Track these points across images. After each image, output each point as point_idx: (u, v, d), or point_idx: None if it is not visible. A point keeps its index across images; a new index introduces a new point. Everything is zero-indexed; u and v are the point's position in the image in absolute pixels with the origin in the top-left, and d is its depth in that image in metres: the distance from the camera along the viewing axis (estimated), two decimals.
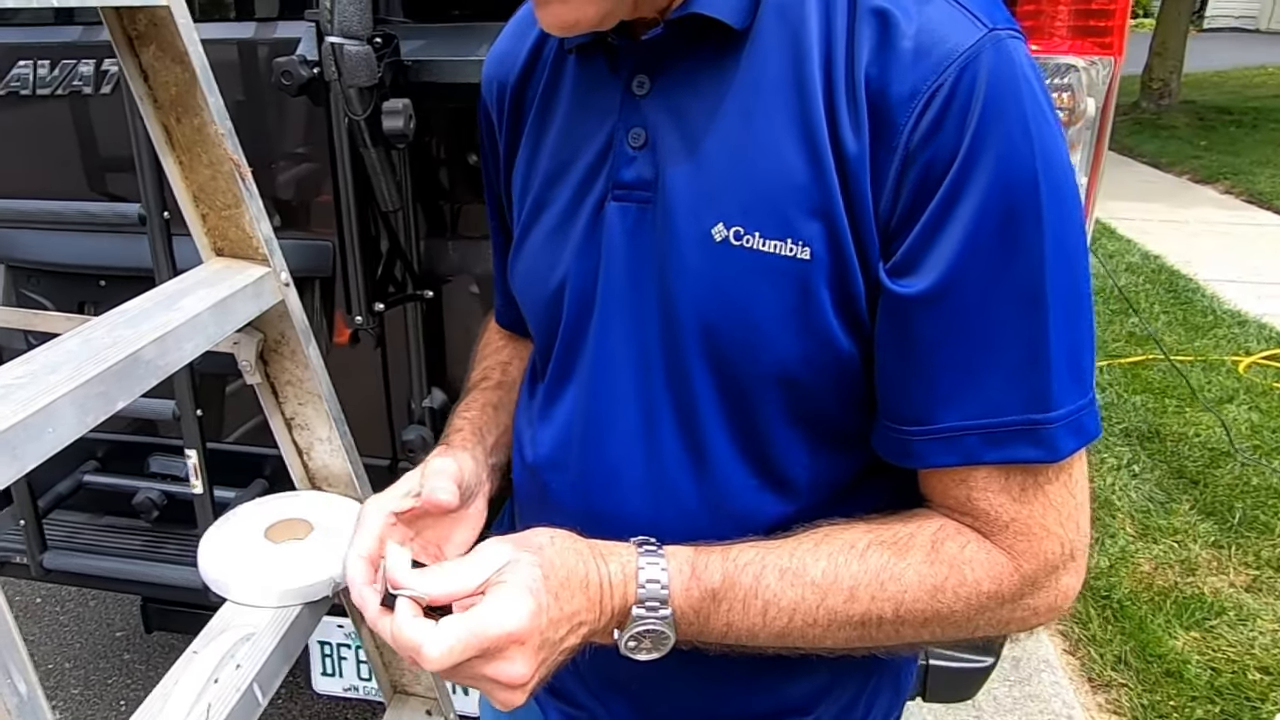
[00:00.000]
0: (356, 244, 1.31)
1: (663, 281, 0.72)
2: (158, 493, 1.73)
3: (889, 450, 0.72)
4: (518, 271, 0.85)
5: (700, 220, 0.69)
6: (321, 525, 0.94)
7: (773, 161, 0.67)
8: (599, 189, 0.75)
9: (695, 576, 0.68)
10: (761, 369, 0.70)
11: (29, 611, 2.72)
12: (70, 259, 1.68)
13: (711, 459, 0.74)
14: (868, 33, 0.65)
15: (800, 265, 0.67)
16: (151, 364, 0.69)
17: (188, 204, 0.92)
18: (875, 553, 0.69)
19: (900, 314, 0.66)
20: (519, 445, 0.89)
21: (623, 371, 0.76)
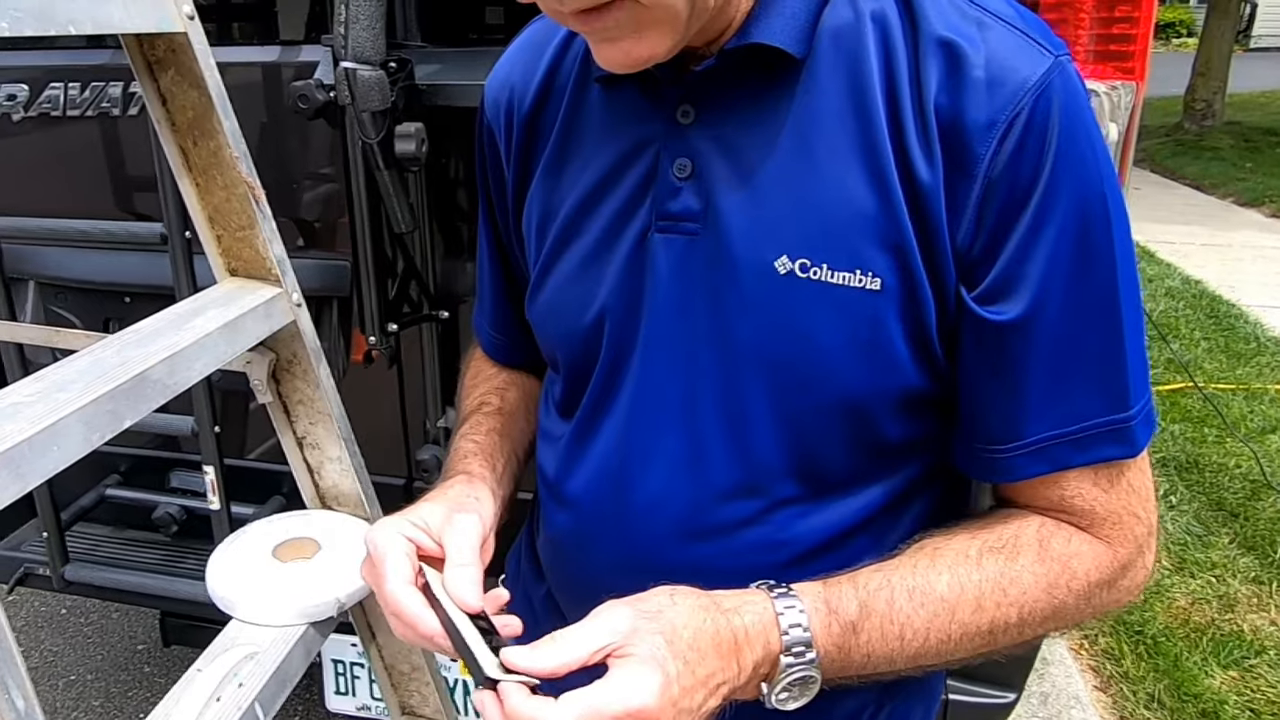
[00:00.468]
0: (370, 265, 1.32)
1: (718, 314, 0.71)
2: (177, 507, 1.75)
3: (976, 469, 0.74)
4: (541, 304, 0.83)
5: (761, 252, 0.69)
6: (329, 545, 0.95)
7: (838, 192, 0.67)
8: (640, 220, 0.74)
9: (832, 612, 0.67)
10: (826, 400, 0.70)
11: (54, 622, 2.75)
12: (96, 276, 1.71)
13: (765, 490, 0.74)
14: (934, 63, 0.65)
15: (870, 296, 0.67)
16: (160, 383, 0.70)
17: (203, 225, 0.94)
18: (989, 559, 0.70)
19: (992, 340, 0.68)
20: (546, 481, 0.87)
21: (669, 405, 0.75)
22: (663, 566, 0.72)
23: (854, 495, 0.75)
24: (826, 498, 0.74)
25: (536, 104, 0.82)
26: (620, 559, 0.78)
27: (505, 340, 0.99)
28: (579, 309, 0.78)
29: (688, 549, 0.75)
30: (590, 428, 0.80)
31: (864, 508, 0.76)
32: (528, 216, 0.83)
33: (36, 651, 2.61)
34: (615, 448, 0.78)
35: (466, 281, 1.52)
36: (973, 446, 0.73)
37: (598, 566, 0.81)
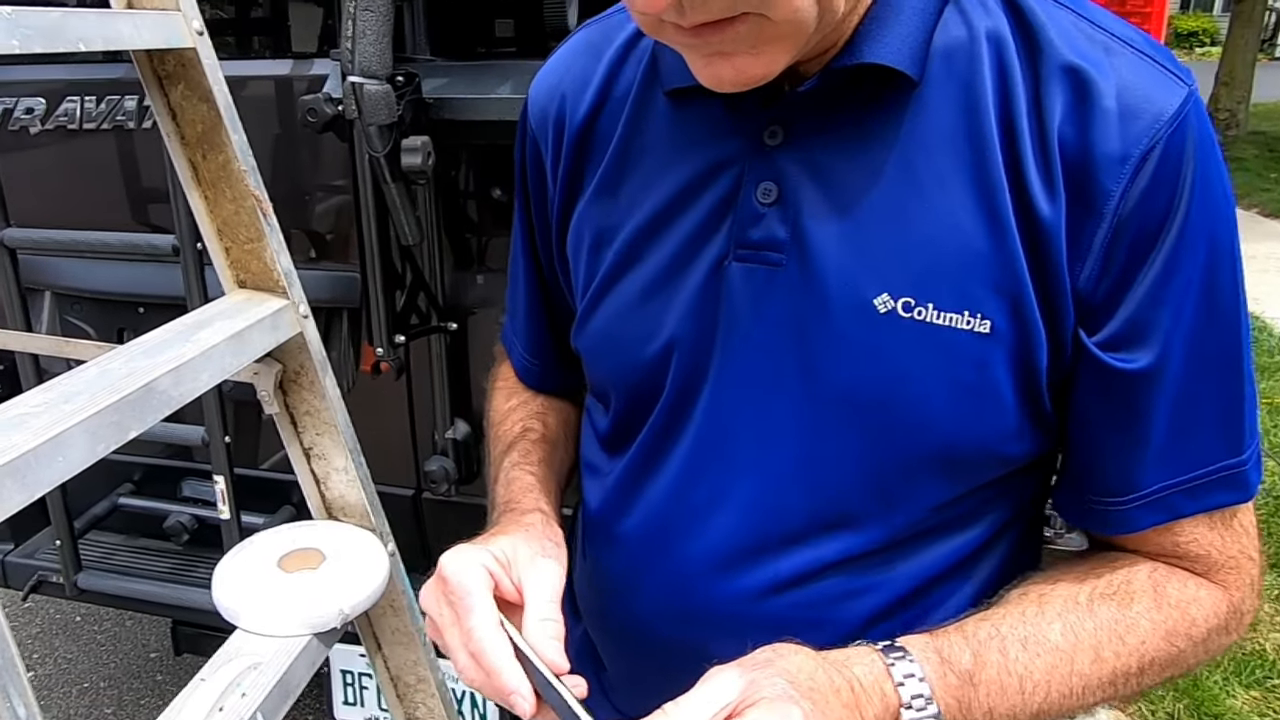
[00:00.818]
0: (378, 276, 1.33)
1: (804, 352, 0.66)
2: (189, 516, 1.77)
3: (1086, 520, 0.71)
4: (593, 331, 0.77)
5: (858, 288, 0.64)
6: (334, 555, 0.95)
7: (946, 226, 0.62)
8: (716, 247, 0.69)
9: (945, 662, 0.63)
10: (922, 448, 0.66)
11: (69, 629, 2.77)
12: (110, 287, 1.73)
13: (845, 539, 0.69)
14: (1059, 90, 0.60)
15: (978, 339, 0.63)
16: (166, 394, 0.71)
17: (212, 237, 0.95)
18: (1102, 606, 0.66)
19: (1117, 388, 0.63)
20: (590, 517, 0.82)
21: (742, 445, 0.70)
22: (723, 616, 0.69)
23: (938, 543, 0.71)
24: (909, 546, 0.70)
25: (591, 114, 0.76)
26: (675, 607, 0.73)
27: (539, 365, 0.94)
28: (641, 339, 0.73)
29: (754, 598, 0.71)
30: (649, 464, 0.75)
31: (947, 556, 0.72)
32: (576, 236, 0.78)
33: (51, 658, 2.63)
34: (677, 487, 0.73)
35: (475, 294, 1.53)
36: (1085, 498, 0.69)
37: (648, 613, 0.76)
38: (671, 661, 0.71)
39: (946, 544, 0.71)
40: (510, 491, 0.80)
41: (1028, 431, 0.66)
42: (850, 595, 0.70)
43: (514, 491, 0.80)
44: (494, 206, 1.46)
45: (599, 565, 0.80)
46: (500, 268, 1.53)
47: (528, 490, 0.80)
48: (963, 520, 0.71)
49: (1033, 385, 0.64)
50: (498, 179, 1.42)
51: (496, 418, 0.95)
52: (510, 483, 0.81)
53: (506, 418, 0.93)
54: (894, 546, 0.70)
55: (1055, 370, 0.64)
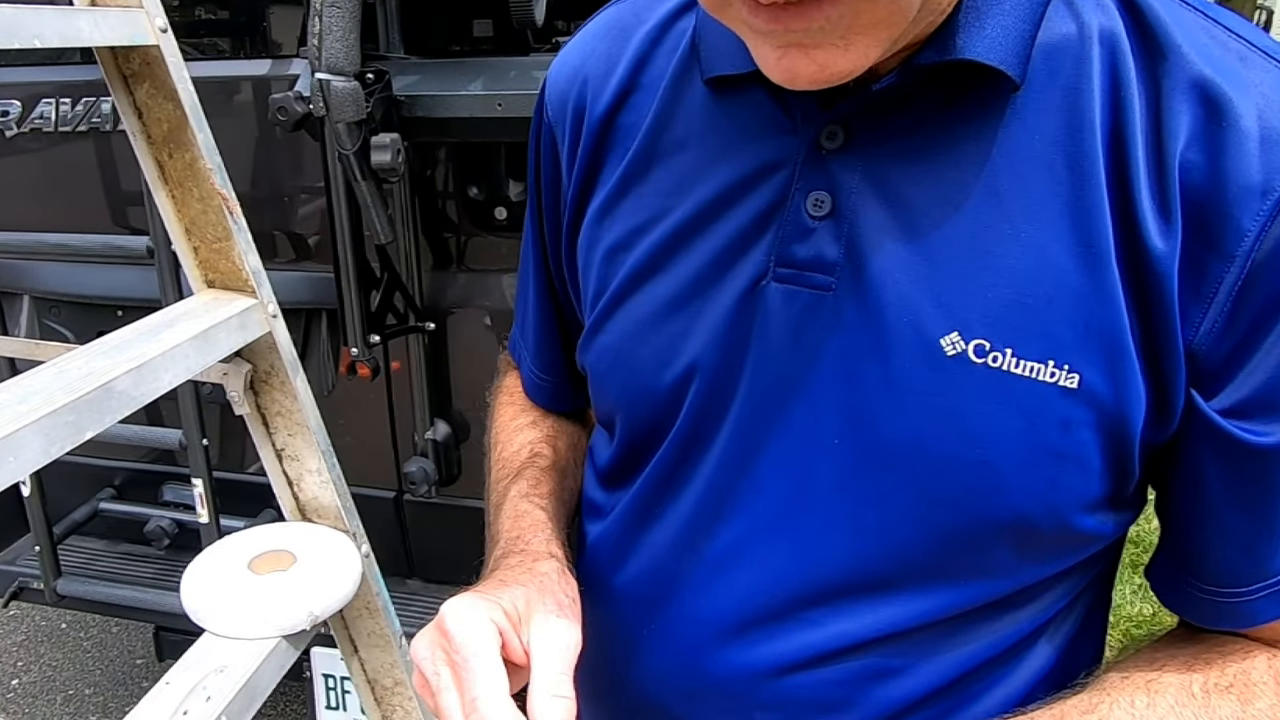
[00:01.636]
0: (352, 276, 1.33)
1: (852, 395, 0.57)
2: (169, 521, 1.76)
3: (1190, 608, 0.61)
4: (601, 348, 0.67)
5: (922, 325, 0.54)
6: (305, 557, 0.95)
7: (1034, 258, 0.53)
8: (754, 263, 0.59)
9: None
10: (989, 515, 0.56)
11: (54, 637, 2.75)
12: (88, 290, 1.72)
13: (887, 612, 0.60)
14: (1186, 106, 0.51)
15: (1064, 395, 0.53)
16: (125, 394, 0.70)
17: (180, 237, 0.94)
18: (1221, 701, 0.57)
19: (1246, 464, 0.54)
20: (588, 565, 0.73)
21: (765, 495, 0.60)
22: (734, 692, 0.61)
23: (992, 623, 0.62)
24: (958, 625, 0.61)
25: (616, 102, 0.67)
26: (678, 677, 0.64)
27: (550, 382, 0.84)
28: (656, 363, 0.63)
29: (772, 674, 0.62)
30: (654, 506, 0.66)
31: (1001, 639, 0.62)
32: (590, 240, 0.68)
33: (36, 666, 2.61)
34: (685, 535, 0.64)
35: (454, 293, 1.52)
36: (1194, 586, 0.59)
37: (647, 683, 0.67)
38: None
39: (1001, 624, 0.62)
40: (519, 527, 0.70)
41: (1112, 505, 0.57)
42: (884, 676, 0.61)
43: (523, 528, 0.70)
44: (471, 206, 1.45)
45: (593, 622, 0.69)
46: (479, 267, 1.53)
47: (538, 528, 0.70)
48: (1023, 598, 0.62)
49: (1124, 453, 0.55)
50: (474, 178, 1.41)
51: (501, 436, 0.86)
52: (519, 517, 0.71)
53: (513, 438, 0.84)
54: (941, 624, 0.60)
55: (1153, 436, 0.55)
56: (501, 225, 1.45)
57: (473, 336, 1.54)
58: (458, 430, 1.56)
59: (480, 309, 1.53)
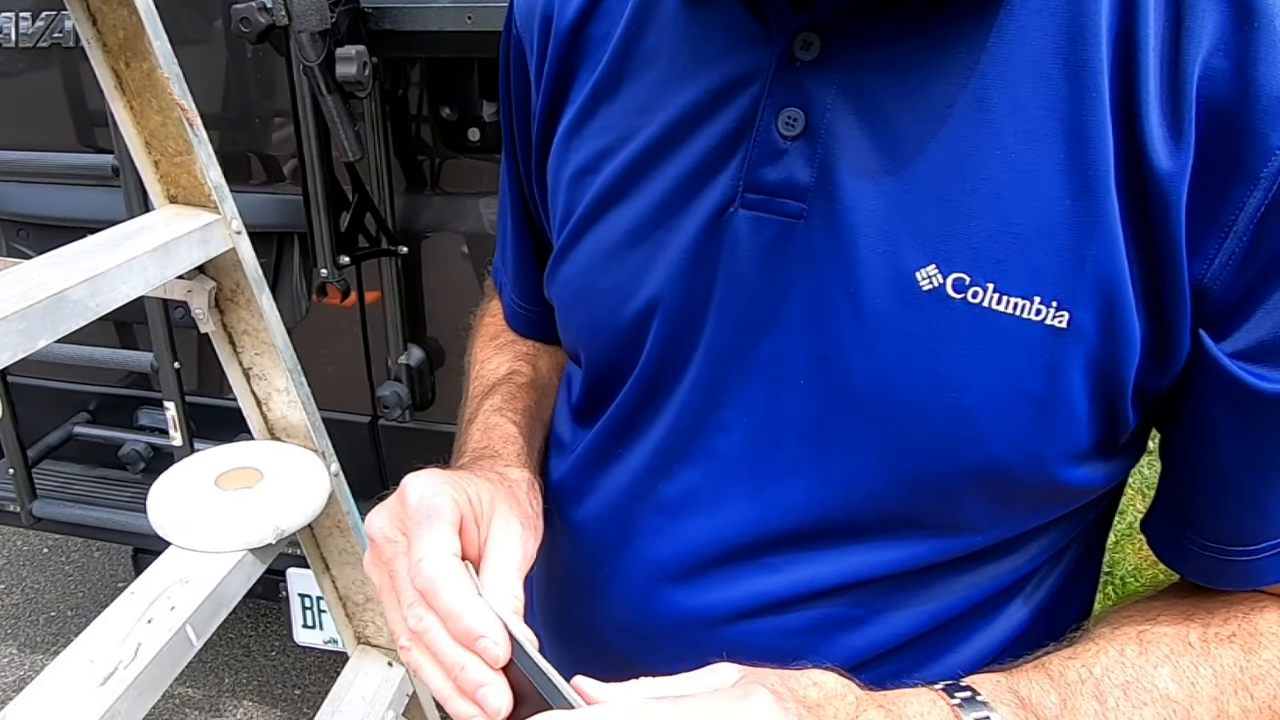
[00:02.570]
0: (320, 195, 1.30)
1: (819, 332, 0.53)
2: (144, 445, 1.75)
3: (1191, 567, 0.56)
4: (564, 280, 0.64)
5: (898, 256, 0.50)
6: (272, 473, 0.95)
7: (1024, 182, 0.48)
8: (720, 188, 0.55)
9: (1025, 705, 0.49)
10: (963, 465, 0.52)
11: (35, 561, 2.77)
12: (57, 212, 1.69)
13: (851, 563, 0.56)
14: (1212, 6, 0.45)
15: (1050, 335, 0.48)
16: (80, 304, 0.69)
17: (140, 151, 0.92)
18: (1222, 650, 0.51)
19: (1260, 414, 0.48)
20: (551, 499, 0.69)
21: (728, 437, 0.57)
22: (686, 638, 0.58)
23: (967, 574, 0.58)
24: (930, 576, 0.57)
25: (584, 12, 0.62)
26: (630, 619, 0.61)
27: (531, 311, 0.80)
28: (618, 296, 0.59)
29: (725, 620, 0.58)
30: (615, 445, 0.63)
31: (976, 590, 0.59)
32: (558, 162, 0.64)
33: (19, 588, 2.64)
34: (643, 476, 0.61)
35: (427, 217, 1.51)
36: (1195, 543, 0.55)
37: (600, 622, 0.64)
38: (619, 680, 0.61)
39: (976, 577, 0.58)
40: (489, 438, 0.67)
41: (1101, 455, 0.53)
42: (846, 625, 0.58)
43: (493, 439, 0.67)
44: (444, 126, 1.42)
45: (554, 559, 0.68)
46: (454, 190, 1.51)
47: (509, 441, 0.67)
48: (1001, 551, 0.57)
49: (1115, 400, 0.50)
50: (446, 97, 1.38)
51: (480, 355, 0.82)
52: (489, 429, 0.68)
53: (491, 357, 0.81)
54: (910, 575, 0.57)
55: (1151, 382, 0.50)
56: (475, 147, 1.42)
57: (447, 261, 1.53)
58: (432, 356, 1.56)
59: (455, 234, 1.51)
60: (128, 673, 0.68)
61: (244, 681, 2.25)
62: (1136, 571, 2.69)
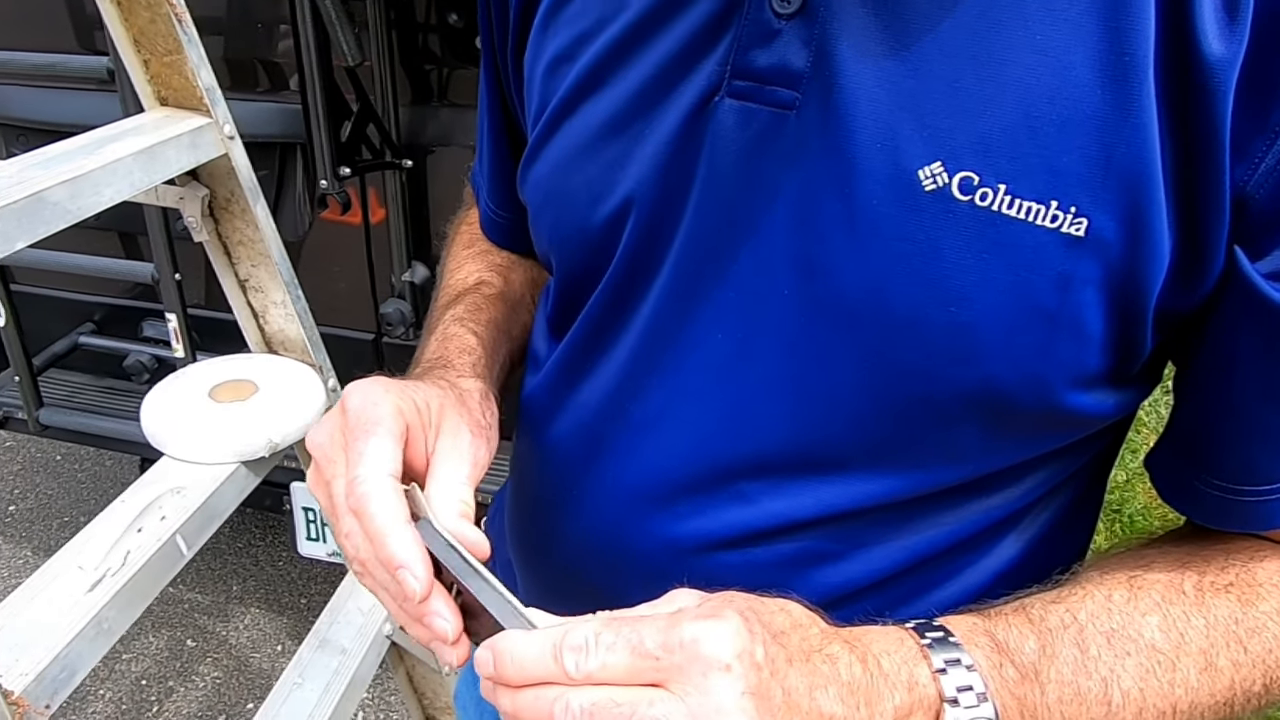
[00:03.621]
0: (319, 102, 1.26)
1: (807, 235, 0.47)
2: (149, 356, 1.75)
3: (1196, 507, 0.52)
4: (538, 178, 0.59)
5: (900, 153, 0.45)
6: (267, 387, 0.94)
7: (1050, 69, 0.42)
8: (704, 75, 0.49)
9: (1000, 649, 0.45)
10: (958, 387, 0.47)
11: (49, 467, 2.81)
12: (55, 118, 1.65)
13: (830, 492, 0.52)
14: None
15: (1065, 244, 0.43)
16: (60, 206, 0.67)
17: (128, 50, 0.89)
18: (1217, 600, 0.48)
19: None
20: (522, 416, 0.66)
21: (702, 351, 0.52)
22: (654, 566, 0.55)
23: (954, 509, 0.54)
24: (915, 509, 0.53)
25: None
26: (598, 543, 0.57)
27: (506, 219, 0.75)
28: (591, 195, 0.54)
29: (696, 549, 0.55)
30: (584, 361, 0.59)
31: (963, 526, 0.54)
32: (534, 50, 0.59)
33: (32, 494, 2.68)
34: (612, 391, 0.56)
35: (433, 130, 1.46)
36: (1203, 480, 0.50)
37: (569, 547, 0.61)
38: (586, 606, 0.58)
39: (964, 511, 0.54)
40: (445, 349, 0.63)
41: (1112, 382, 0.48)
42: (823, 559, 0.54)
43: (449, 350, 0.62)
44: (451, 34, 1.37)
45: (523, 477, 0.65)
46: (463, 103, 1.46)
47: (466, 352, 0.62)
48: (992, 484, 0.53)
49: (1133, 320, 0.45)
50: (454, 3, 1.33)
51: (450, 266, 0.78)
52: (448, 339, 0.64)
53: (461, 266, 0.76)
54: (893, 507, 0.53)
55: (1175, 302, 0.45)
56: None
57: (454, 177, 1.49)
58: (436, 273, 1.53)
59: (462, 148, 1.47)
60: (115, 580, 0.68)
61: (251, 589, 2.30)
62: (1146, 510, 2.68)
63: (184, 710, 2.02)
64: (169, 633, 2.19)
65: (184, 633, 2.20)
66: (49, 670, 0.61)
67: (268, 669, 2.11)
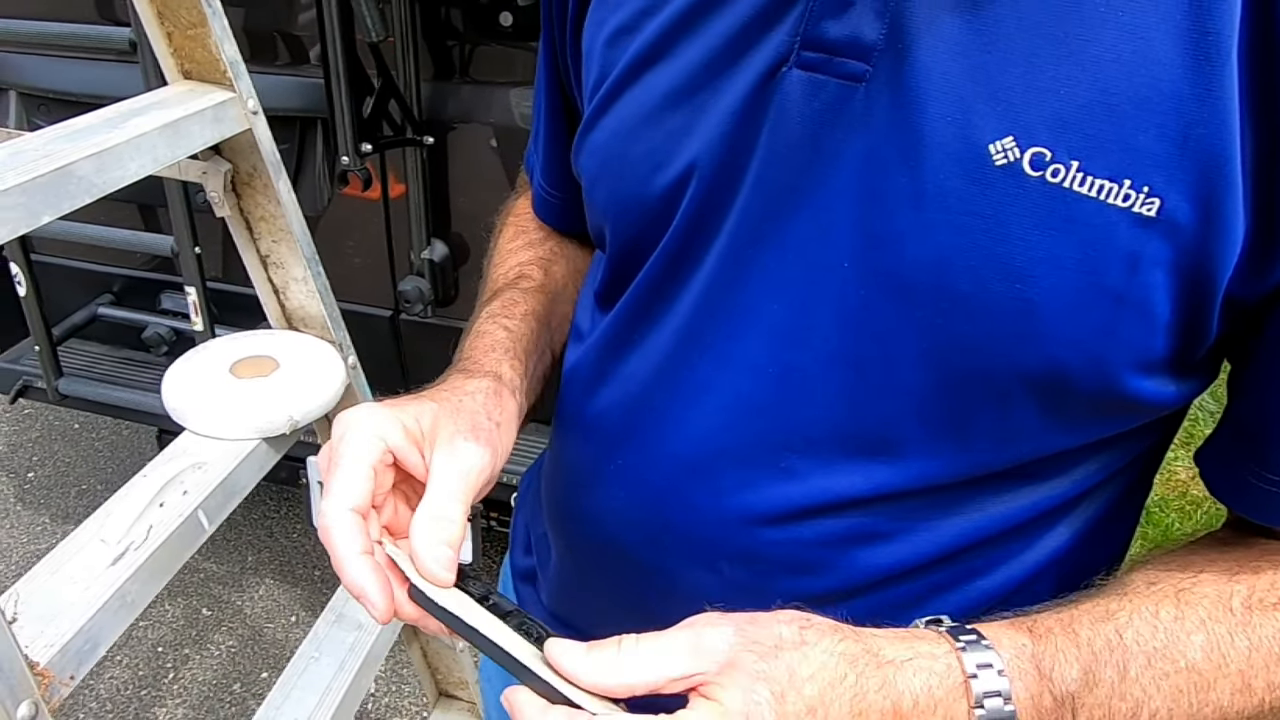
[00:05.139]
0: (342, 76, 1.26)
1: (871, 208, 0.47)
2: (167, 328, 1.76)
3: (1255, 508, 0.51)
4: (595, 146, 0.58)
5: (971, 127, 0.44)
6: (288, 363, 0.94)
7: (1130, 45, 0.42)
8: (773, 46, 0.49)
9: (1044, 677, 0.45)
10: (1019, 366, 0.47)
11: (67, 436, 2.83)
12: (76, 88, 1.65)
13: (882, 470, 0.52)
14: None
15: (1137, 224, 0.43)
16: (85, 180, 0.67)
17: (151, 21, 0.88)
18: (1264, 620, 0.47)
19: None
20: (564, 390, 0.66)
21: (758, 318, 0.52)
22: (702, 539, 0.55)
23: (1006, 494, 0.53)
24: (967, 492, 0.53)
25: None
26: (642, 519, 0.57)
27: (559, 199, 0.74)
28: (651, 164, 0.54)
29: (742, 522, 0.54)
30: (635, 328, 0.58)
31: (1014, 512, 0.54)
32: (596, 21, 0.59)
33: (50, 461, 2.70)
34: (663, 361, 0.56)
35: (455, 107, 1.45)
36: (1256, 474, 0.50)
37: (608, 517, 0.60)
38: (630, 583, 0.59)
39: (1015, 496, 0.53)
40: (473, 349, 0.64)
41: (1174, 370, 0.47)
42: (871, 539, 0.54)
43: (476, 349, 0.63)
44: (474, 9, 1.36)
45: (563, 449, 0.65)
46: (484, 79, 1.45)
47: (492, 349, 0.63)
48: (1044, 470, 0.53)
49: (1202, 305, 0.45)
50: None
51: (495, 259, 0.77)
52: (479, 336, 0.65)
53: (505, 260, 0.75)
54: (943, 490, 0.52)
55: (1244, 289, 0.44)
56: (508, 33, 1.36)
57: (475, 154, 1.48)
58: (456, 252, 1.53)
59: (484, 125, 1.46)
60: (138, 554, 0.68)
61: (266, 560, 2.32)
62: (1163, 502, 2.67)
63: (200, 678, 2.04)
64: (185, 601, 2.21)
65: (200, 601, 2.22)
66: (73, 642, 0.61)
67: (281, 639, 2.13)
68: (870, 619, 0.50)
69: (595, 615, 0.64)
